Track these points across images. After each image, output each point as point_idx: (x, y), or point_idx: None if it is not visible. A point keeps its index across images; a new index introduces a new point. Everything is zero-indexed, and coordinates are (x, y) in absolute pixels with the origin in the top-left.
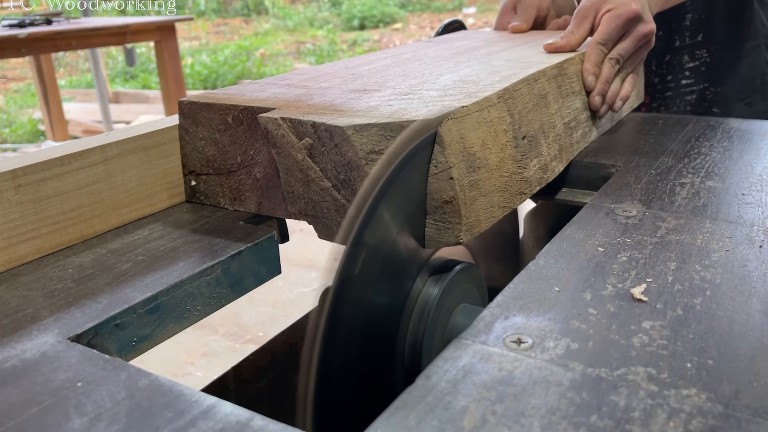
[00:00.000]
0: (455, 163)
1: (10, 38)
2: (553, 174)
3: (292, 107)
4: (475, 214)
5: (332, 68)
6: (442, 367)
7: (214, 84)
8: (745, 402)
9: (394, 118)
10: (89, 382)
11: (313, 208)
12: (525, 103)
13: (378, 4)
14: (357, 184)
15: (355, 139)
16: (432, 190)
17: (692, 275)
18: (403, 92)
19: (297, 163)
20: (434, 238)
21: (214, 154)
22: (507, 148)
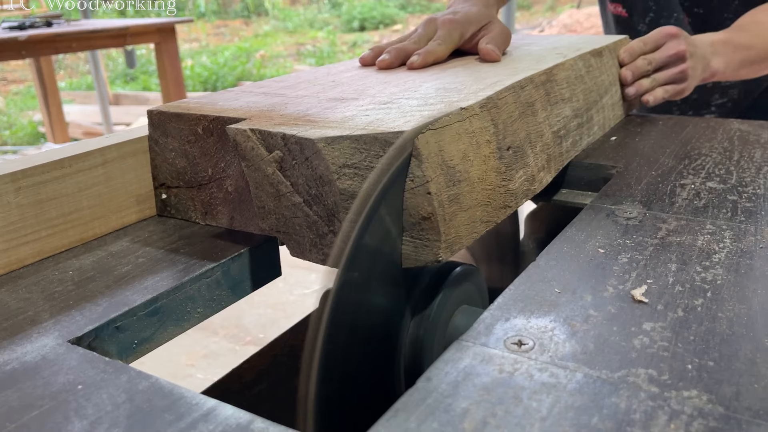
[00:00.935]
0: (433, 177)
1: (11, 41)
2: (540, 185)
3: (263, 118)
4: (456, 231)
5: (313, 75)
6: (442, 369)
7: (214, 86)
8: (746, 404)
9: (368, 129)
10: (89, 385)
11: (284, 224)
12: (510, 112)
13: (378, 6)
14: (329, 199)
15: (326, 153)
16: (409, 206)
17: (693, 276)
18: (381, 101)
19: (267, 176)
20: (411, 257)
21: (185, 167)
22: (490, 159)
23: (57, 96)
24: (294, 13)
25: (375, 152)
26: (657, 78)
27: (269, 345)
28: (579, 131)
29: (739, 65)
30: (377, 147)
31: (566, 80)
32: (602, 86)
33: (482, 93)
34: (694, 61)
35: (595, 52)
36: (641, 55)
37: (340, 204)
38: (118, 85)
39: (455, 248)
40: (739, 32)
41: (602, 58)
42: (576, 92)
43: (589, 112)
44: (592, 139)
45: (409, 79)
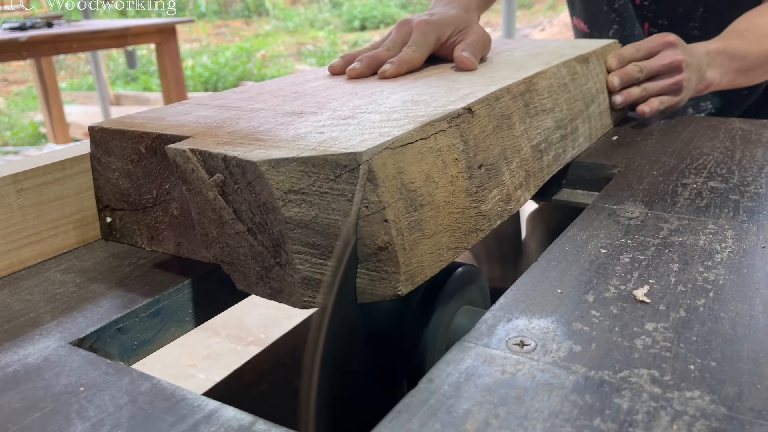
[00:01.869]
0: (390, 203)
1: (11, 41)
2: (518, 204)
3: (209, 135)
4: (418, 260)
5: (278, 84)
6: (444, 370)
7: (215, 86)
8: (748, 404)
9: (319, 150)
10: (91, 387)
11: (229, 254)
12: (483, 126)
13: (379, 5)
14: (274, 228)
15: (269, 177)
16: (363, 235)
17: (695, 276)
18: (342, 116)
19: (209, 202)
20: (367, 290)
21: (128, 188)
22: (459, 180)
23: (58, 96)
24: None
25: (325, 176)
26: (648, 87)
27: (271, 346)
28: (562, 143)
29: (735, 75)
30: (327, 170)
31: (548, 89)
32: (588, 94)
33: (452, 106)
34: (689, 72)
35: (581, 58)
36: (632, 61)
37: (286, 234)
38: (119, 86)
39: (417, 280)
40: (734, 39)
41: (589, 65)
42: (559, 102)
43: (574, 122)
44: (578, 151)
45: (378, 89)
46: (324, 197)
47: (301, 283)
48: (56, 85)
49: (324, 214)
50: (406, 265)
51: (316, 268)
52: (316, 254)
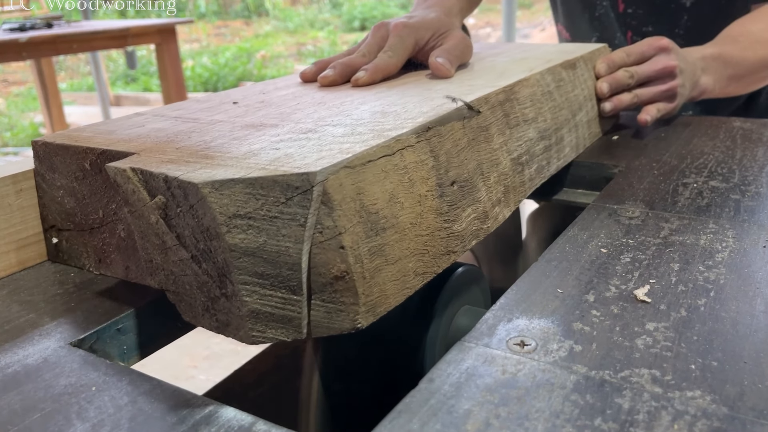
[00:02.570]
0: (348, 228)
1: (11, 42)
2: (495, 222)
3: (156, 152)
4: (380, 289)
5: (243, 93)
6: (445, 370)
7: (215, 86)
8: (750, 404)
9: (269, 170)
10: (91, 388)
11: (174, 282)
12: (456, 139)
13: (379, 5)
14: (218, 256)
15: (212, 200)
16: (317, 263)
17: (696, 276)
18: (304, 129)
19: (151, 226)
20: (323, 324)
21: (74, 207)
22: (428, 199)
23: (58, 97)
24: (295, 13)
25: (274, 198)
26: (640, 94)
27: (271, 347)
28: (546, 155)
29: (728, 82)
30: (277, 192)
31: (531, 98)
32: (575, 102)
33: (421, 119)
34: (683, 78)
35: (568, 64)
36: (622, 66)
37: (231, 263)
38: (119, 86)
39: (380, 311)
40: (729, 45)
41: (576, 71)
42: (543, 111)
43: (559, 132)
44: (563, 162)
45: (348, 99)
46: (273, 222)
47: (249, 316)
48: (56, 86)
49: (273, 240)
50: (366, 295)
51: (266, 300)
52: (265, 285)
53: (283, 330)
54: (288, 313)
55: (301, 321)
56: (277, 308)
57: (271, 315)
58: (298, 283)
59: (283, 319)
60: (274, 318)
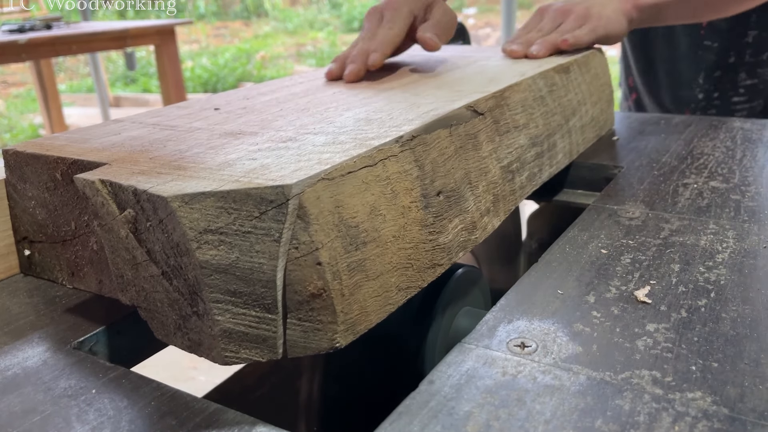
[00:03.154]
0: (325, 243)
1: (11, 44)
2: (484, 233)
3: (128, 162)
4: (360, 306)
5: (227, 98)
6: (445, 372)
7: (214, 87)
8: (750, 405)
9: (242, 182)
10: (91, 390)
11: (145, 299)
12: (443, 148)
13: None
14: (189, 273)
15: (182, 214)
16: (293, 280)
17: (696, 277)
18: (284, 138)
19: (121, 240)
20: (299, 344)
21: (46, 219)
22: (412, 210)
23: (57, 98)
24: (294, 14)
25: (247, 213)
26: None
27: None
28: (538, 162)
29: None
30: (250, 206)
31: (522, 103)
32: (569, 107)
33: (407, 126)
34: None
35: (561, 68)
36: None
37: (202, 280)
38: (119, 87)
39: (360, 329)
40: None
41: (569, 74)
42: (534, 117)
43: (552, 138)
44: (556, 169)
45: (333, 105)
46: (246, 238)
47: (221, 336)
48: (55, 87)
49: (246, 257)
50: (345, 313)
51: (239, 318)
52: (238, 303)
53: (257, 350)
54: (262, 332)
55: (277, 341)
56: (251, 327)
57: (245, 334)
58: (273, 301)
59: (258, 339)
60: (248, 338)
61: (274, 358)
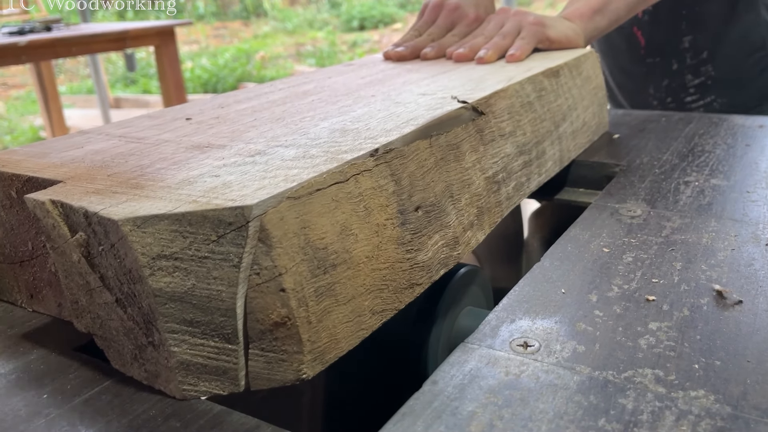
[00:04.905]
0: (290, 267)
1: (10, 46)
2: (467, 247)
3: (84, 180)
4: (329, 334)
5: (202, 106)
6: (448, 372)
7: (214, 87)
8: (753, 403)
9: (200, 203)
10: (95, 392)
11: (101, 326)
12: (422, 160)
13: (377, 5)
14: (143, 301)
15: (133, 239)
16: (254, 308)
17: (698, 275)
18: (253, 151)
19: (74, 264)
20: (263, 376)
21: (2, 238)
22: (387, 228)
23: (57, 100)
24: (293, 14)
25: (204, 236)
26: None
27: None
28: (526, 171)
29: None
30: (207, 229)
31: (508, 110)
32: (559, 112)
33: (383, 138)
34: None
35: (550, 72)
36: None
37: (156, 309)
38: (119, 89)
39: (329, 357)
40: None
41: (559, 78)
42: (522, 124)
43: (541, 145)
44: (546, 177)
45: (310, 114)
46: (203, 263)
47: (179, 368)
48: (56, 89)
49: (203, 284)
50: (311, 342)
51: (197, 349)
52: (195, 333)
53: (217, 382)
54: (223, 363)
55: (238, 372)
56: (210, 359)
57: (204, 366)
58: (233, 330)
59: (218, 371)
60: (207, 369)
61: (236, 390)
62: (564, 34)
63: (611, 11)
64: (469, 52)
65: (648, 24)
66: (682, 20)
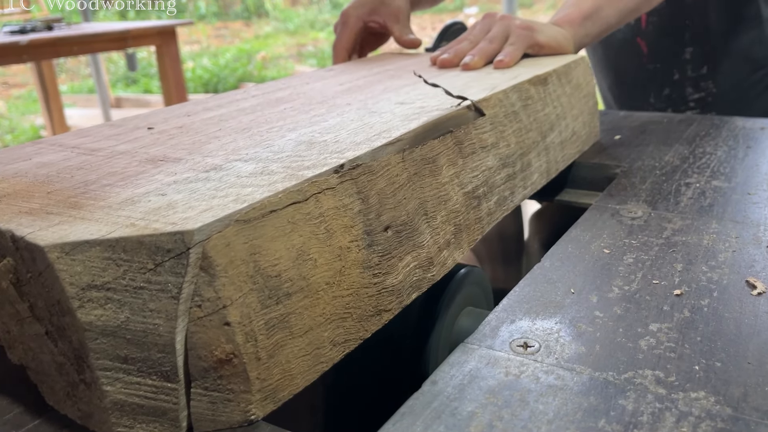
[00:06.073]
0: (236, 298)
1: (12, 45)
2: (443, 268)
3: (21, 197)
4: (282, 370)
5: (167, 114)
6: (448, 372)
7: (215, 87)
8: (753, 404)
9: (137, 227)
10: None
11: (33, 359)
12: (393, 176)
13: None
14: (73, 335)
15: (61, 267)
16: (196, 344)
17: (699, 276)
18: (208, 166)
19: (3, 291)
20: (207, 417)
21: None
22: (351, 251)
23: (58, 100)
24: (295, 14)
25: (140, 264)
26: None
27: None
28: (509, 184)
29: None
30: (143, 256)
31: (491, 120)
32: (546, 122)
33: (351, 152)
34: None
35: (538, 80)
36: None
37: (86, 344)
38: (120, 88)
39: (283, 395)
40: None
41: (547, 86)
42: (505, 134)
43: (526, 157)
44: (531, 191)
45: (279, 124)
46: (138, 294)
47: (112, 408)
48: (57, 89)
49: (138, 317)
50: (261, 380)
51: (132, 388)
52: (130, 371)
53: (156, 424)
54: (161, 404)
55: (179, 413)
56: (147, 399)
57: (140, 407)
58: (173, 368)
59: (156, 412)
60: (144, 410)
61: None
62: (554, 38)
63: (602, 18)
64: (454, 58)
65: (652, 33)
66: (685, 30)
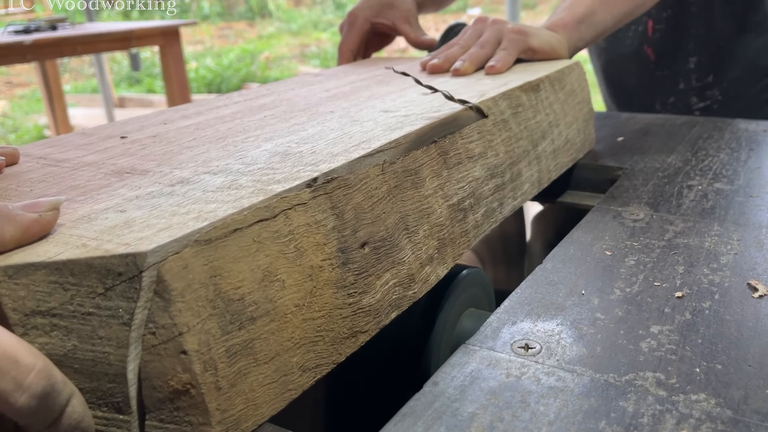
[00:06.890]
0: (193, 325)
1: (16, 45)
2: (426, 285)
3: None
4: (245, 399)
5: (143, 122)
6: (449, 373)
7: (218, 88)
8: (754, 407)
9: (88, 249)
10: None
11: None
12: (371, 189)
13: None
14: None
15: (3, 292)
16: (150, 374)
17: (700, 279)
18: (175, 179)
19: None
20: None
21: None
22: (324, 270)
23: (62, 99)
24: (298, 15)
25: (88, 289)
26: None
27: None
28: (498, 195)
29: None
30: (92, 280)
31: (478, 129)
32: (538, 130)
33: (326, 165)
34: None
35: (529, 86)
36: None
37: None
38: (123, 88)
39: (247, 426)
40: None
41: (539, 93)
42: (494, 144)
43: (516, 167)
44: (521, 201)
45: (256, 133)
46: (87, 321)
47: None
48: (60, 88)
49: (87, 345)
50: (222, 411)
51: None
52: None
53: None
54: None
55: None
56: None
57: None
58: (125, 398)
59: None
60: None
61: None
62: (548, 43)
63: (597, 22)
64: (444, 63)
65: (658, 41)
66: (690, 39)
